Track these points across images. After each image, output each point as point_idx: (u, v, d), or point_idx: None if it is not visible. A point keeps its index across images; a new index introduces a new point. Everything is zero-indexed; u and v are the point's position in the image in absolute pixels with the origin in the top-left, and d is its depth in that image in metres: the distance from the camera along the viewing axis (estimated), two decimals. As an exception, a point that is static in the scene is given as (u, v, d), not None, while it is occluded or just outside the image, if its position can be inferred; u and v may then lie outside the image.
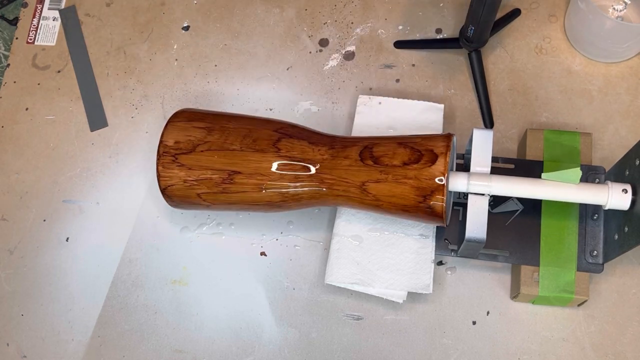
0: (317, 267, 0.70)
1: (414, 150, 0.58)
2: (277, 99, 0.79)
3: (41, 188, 0.76)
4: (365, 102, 0.74)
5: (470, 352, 0.66)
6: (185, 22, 0.84)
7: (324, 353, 0.67)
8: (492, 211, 0.66)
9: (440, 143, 0.58)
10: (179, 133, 0.62)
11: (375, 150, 0.60)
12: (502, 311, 0.67)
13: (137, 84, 0.81)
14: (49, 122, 0.80)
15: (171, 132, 0.62)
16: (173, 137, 0.62)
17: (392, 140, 0.61)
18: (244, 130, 0.63)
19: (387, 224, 0.67)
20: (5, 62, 0.84)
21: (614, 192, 0.57)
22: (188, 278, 0.71)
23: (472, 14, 0.69)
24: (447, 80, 0.78)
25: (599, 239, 0.64)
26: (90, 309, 0.70)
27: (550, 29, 0.80)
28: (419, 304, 0.68)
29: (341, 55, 0.81)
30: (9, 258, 0.73)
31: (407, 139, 0.60)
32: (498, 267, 0.69)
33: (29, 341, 0.69)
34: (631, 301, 0.66)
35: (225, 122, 0.64)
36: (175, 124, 0.63)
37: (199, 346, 0.68)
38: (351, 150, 0.61)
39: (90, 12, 0.86)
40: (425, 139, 0.59)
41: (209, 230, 0.73)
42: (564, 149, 0.68)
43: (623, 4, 0.78)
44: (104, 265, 0.72)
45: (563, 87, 0.76)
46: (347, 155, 0.61)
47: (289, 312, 0.69)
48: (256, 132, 0.62)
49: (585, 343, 0.65)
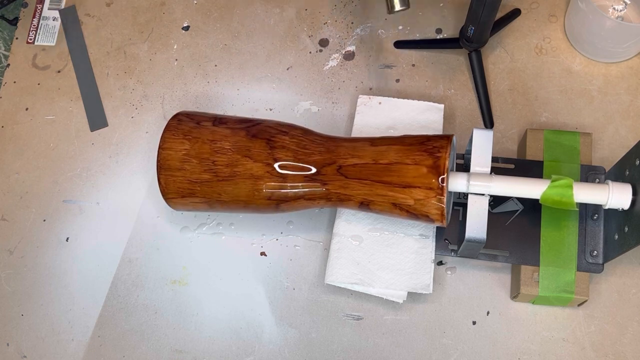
0: (317, 267, 0.70)
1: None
2: (277, 99, 0.79)
3: (41, 188, 0.76)
4: (365, 102, 0.74)
5: (470, 352, 0.66)
6: (185, 22, 0.84)
7: (324, 353, 0.67)
8: (492, 211, 0.66)
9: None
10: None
11: None
12: (502, 311, 0.67)
13: (137, 84, 0.81)
14: (49, 122, 0.80)
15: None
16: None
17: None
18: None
19: (387, 224, 0.67)
20: (5, 62, 0.84)
21: (614, 192, 0.57)
22: (188, 278, 0.71)
23: (472, 14, 0.69)
24: (447, 80, 0.78)
25: (599, 239, 0.64)
26: (90, 309, 0.70)
27: (550, 29, 0.80)
28: (419, 304, 0.68)
29: (341, 55, 0.81)
30: (9, 258, 0.73)
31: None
32: (498, 267, 0.69)
33: (29, 341, 0.69)
34: (631, 301, 0.66)
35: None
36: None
37: (199, 346, 0.68)
38: None
39: (90, 12, 0.86)
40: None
41: (209, 230, 0.73)
42: (563, 149, 0.68)
43: (623, 4, 0.78)
44: (104, 265, 0.72)
45: (563, 87, 0.76)
46: None
47: (289, 312, 0.69)
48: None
49: (585, 343, 0.65)
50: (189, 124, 0.63)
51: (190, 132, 0.63)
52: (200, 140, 0.62)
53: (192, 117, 0.65)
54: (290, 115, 0.78)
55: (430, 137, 0.60)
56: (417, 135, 0.61)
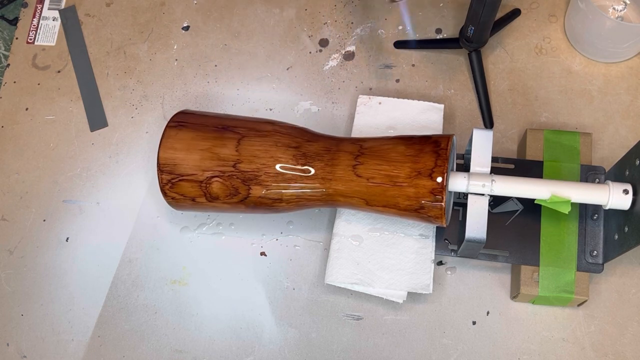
0: (317, 267, 0.70)
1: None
2: (277, 99, 0.79)
3: (41, 188, 0.76)
4: (365, 102, 0.74)
5: (470, 352, 0.66)
6: (185, 22, 0.84)
7: (324, 353, 0.67)
8: (492, 211, 0.66)
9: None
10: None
11: None
12: (502, 311, 0.67)
13: (137, 84, 0.81)
14: (49, 122, 0.80)
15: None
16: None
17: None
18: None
19: (387, 224, 0.67)
20: (5, 62, 0.84)
21: (615, 192, 0.57)
22: (188, 278, 0.71)
23: (472, 14, 0.69)
24: (447, 80, 0.78)
25: (599, 239, 0.64)
26: (90, 309, 0.70)
27: (550, 29, 0.80)
28: (419, 304, 0.68)
29: (341, 55, 0.81)
30: (9, 258, 0.73)
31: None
32: (498, 267, 0.69)
33: (29, 341, 0.69)
34: (631, 301, 0.66)
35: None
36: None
37: (199, 346, 0.68)
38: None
39: (90, 12, 0.86)
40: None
41: (209, 230, 0.73)
42: (563, 149, 0.68)
43: (623, 4, 0.78)
44: (104, 265, 0.72)
45: (563, 87, 0.76)
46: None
47: (289, 312, 0.69)
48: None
49: (585, 343, 0.65)
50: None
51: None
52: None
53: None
54: (290, 115, 0.78)
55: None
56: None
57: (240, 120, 0.65)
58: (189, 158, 0.62)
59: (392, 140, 0.61)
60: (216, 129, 0.63)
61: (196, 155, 0.61)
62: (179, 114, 0.65)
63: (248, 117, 0.66)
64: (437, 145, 0.58)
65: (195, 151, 0.61)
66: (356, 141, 0.62)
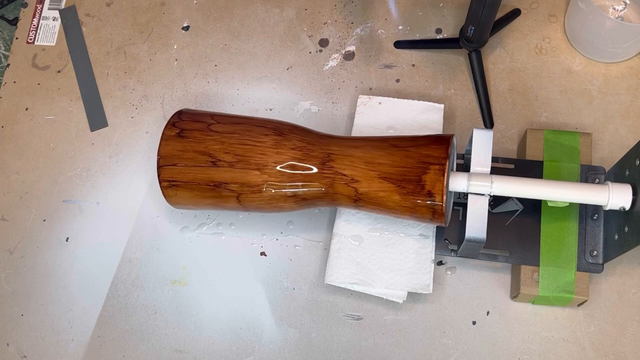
0: (317, 267, 0.70)
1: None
2: (277, 99, 0.79)
3: (41, 188, 0.76)
4: (365, 102, 0.74)
5: (470, 352, 0.66)
6: (185, 22, 0.84)
7: (324, 353, 0.67)
8: (492, 211, 0.66)
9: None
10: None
11: None
12: (502, 311, 0.67)
13: (137, 84, 0.81)
14: (49, 122, 0.80)
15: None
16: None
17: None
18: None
19: (387, 224, 0.67)
20: (5, 62, 0.84)
21: (615, 193, 0.57)
22: (188, 278, 0.71)
23: (472, 14, 0.69)
24: (447, 80, 0.78)
25: (599, 239, 0.64)
26: (90, 309, 0.70)
27: (550, 29, 0.80)
28: (419, 304, 0.68)
29: (341, 55, 0.81)
30: (9, 258, 0.73)
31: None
32: (498, 267, 0.69)
33: (29, 341, 0.69)
34: (631, 301, 0.66)
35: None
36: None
37: (199, 346, 0.68)
38: None
39: (90, 12, 0.86)
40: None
41: (209, 230, 0.73)
42: (563, 149, 0.68)
43: (623, 4, 0.78)
44: (104, 265, 0.72)
45: (563, 87, 0.76)
46: None
47: (289, 312, 0.69)
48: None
49: (585, 343, 0.65)
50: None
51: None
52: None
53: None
54: (290, 115, 0.78)
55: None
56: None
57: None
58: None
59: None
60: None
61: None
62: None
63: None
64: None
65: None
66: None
